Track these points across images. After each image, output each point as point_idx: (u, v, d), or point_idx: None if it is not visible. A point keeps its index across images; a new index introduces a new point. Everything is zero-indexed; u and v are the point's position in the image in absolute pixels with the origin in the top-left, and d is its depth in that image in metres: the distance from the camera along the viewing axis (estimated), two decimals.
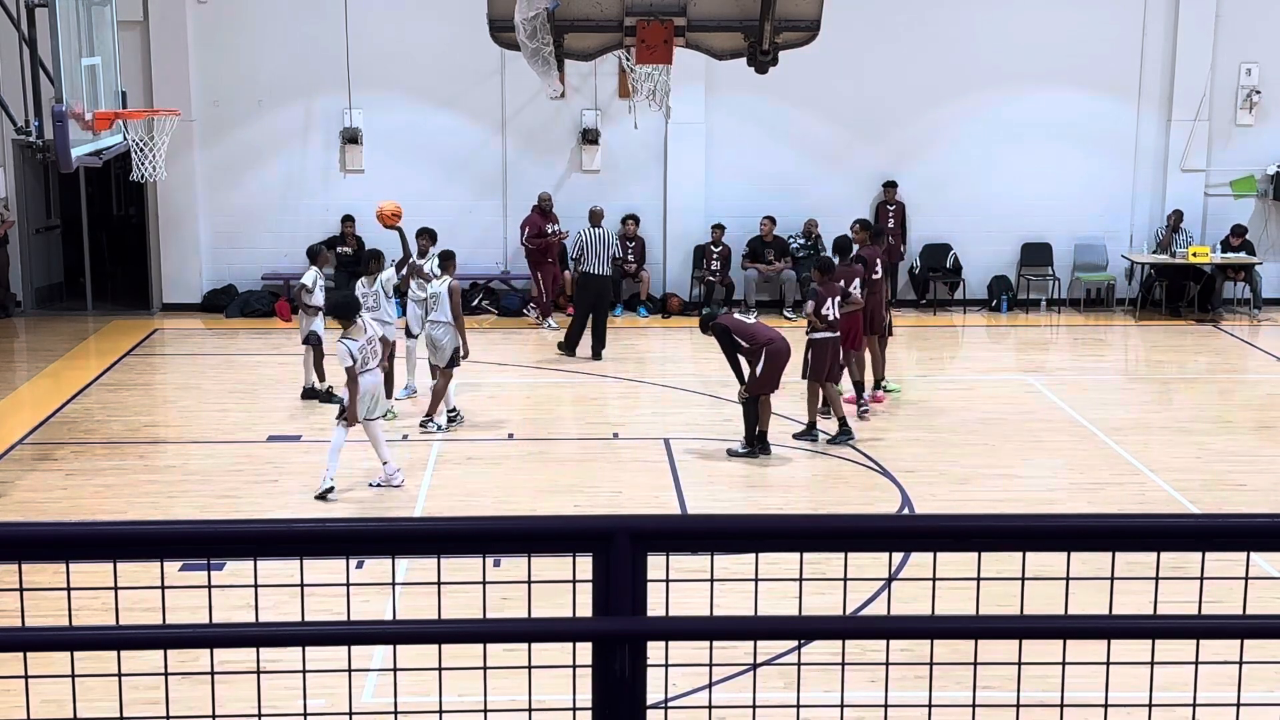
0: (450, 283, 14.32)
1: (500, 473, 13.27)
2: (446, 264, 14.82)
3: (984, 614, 2.74)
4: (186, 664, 3.03)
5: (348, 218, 20.62)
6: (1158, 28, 21.00)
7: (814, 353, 13.93)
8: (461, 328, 14.24)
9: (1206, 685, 3.12)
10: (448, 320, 14.17)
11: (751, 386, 13.42)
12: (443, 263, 14.90)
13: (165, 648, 2.67)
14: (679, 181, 20.94)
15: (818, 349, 13.92)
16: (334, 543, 2.59)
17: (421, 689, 3.10)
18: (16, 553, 2.51)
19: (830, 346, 13.93)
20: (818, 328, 13.95)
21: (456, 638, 2.69)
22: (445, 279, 14.41)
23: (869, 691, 3.61)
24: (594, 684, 2.57)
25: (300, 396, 15.64)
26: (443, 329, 14.20)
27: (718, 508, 12.17)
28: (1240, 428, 15.09)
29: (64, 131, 12.07)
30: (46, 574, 2.73)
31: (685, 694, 5.59)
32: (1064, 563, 2.79)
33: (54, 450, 13.85)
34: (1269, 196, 21.41)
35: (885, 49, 20.77)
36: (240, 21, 20.52)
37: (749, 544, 2.70)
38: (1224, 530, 2.74)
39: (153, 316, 20.68)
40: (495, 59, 19.07)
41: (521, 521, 2.64)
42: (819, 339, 13.93)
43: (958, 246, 21.18)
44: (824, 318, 13.92)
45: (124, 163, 16.31)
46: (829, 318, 13.93)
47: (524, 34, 10.62)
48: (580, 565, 2.60)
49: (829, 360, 13.92)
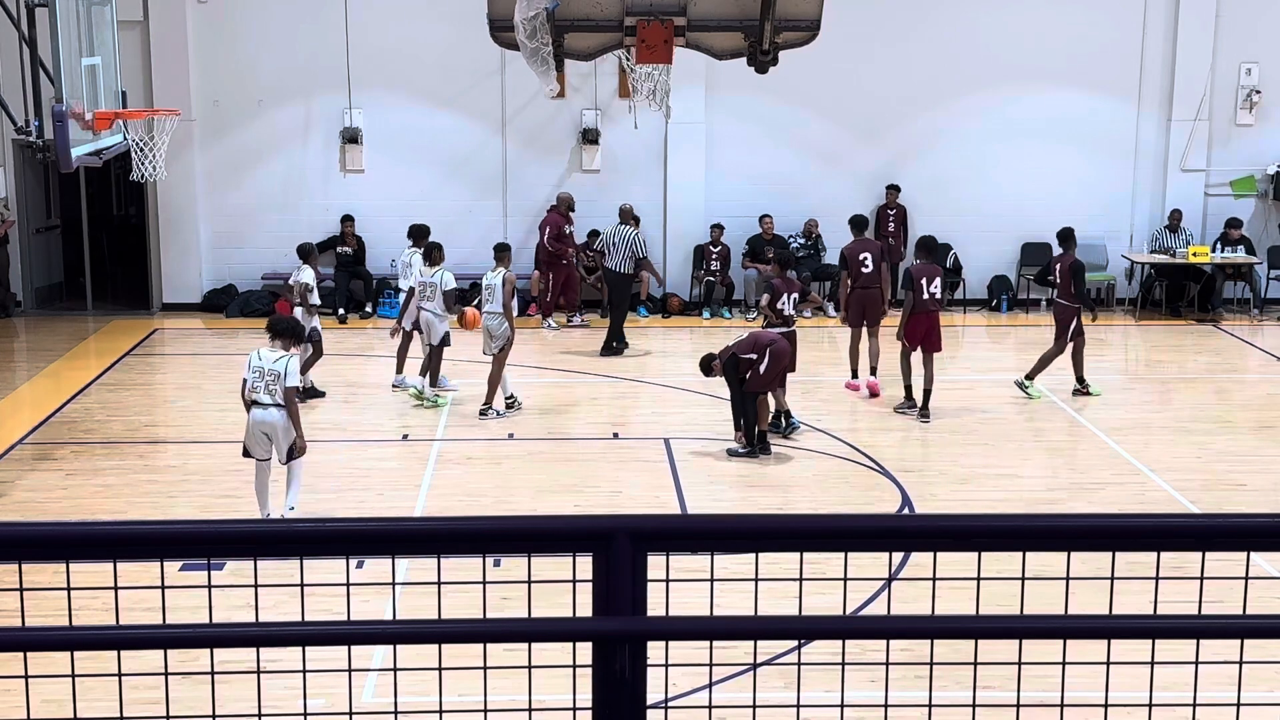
0: (505, 274, 14.77)
1: (500, 473, 13.27)
2: (435, 254, 15.41)
3: (984, 614, 2.74)
4: (186, 664, 3.02)
5: (347, 218, 20.63)
6: (1158, 28, 21.01)
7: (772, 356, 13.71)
8: (511, 317, 14.66)
9: (1206, 685, 3.12)
10: (500, 310, 14.63)
11: (753, 384, 13.43)
12: (431, 253, 15.45)
13: (165, 648, 2.67)
14: (679, 181, 20.95)
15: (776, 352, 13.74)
16: (334, 543, 2.59)
17: (421, 689, 3.10)
18: (16, 553, 2.51)
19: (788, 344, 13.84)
20: (774, 323, 13.99)
21: (456, 638, 2.69)
22: (500, 271, 14.91)
23: (869, 691, 3.61)
24: (594, 684, 2.57)
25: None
26: (498, 319, 14.66)
27: (718, 508, 12.18)
28: (1240, 428, 15.09)
29: (64, 131, 12.07)
30: (46, 574, 2.73)
31: (685, 694, 5.59)
32: (1064, 563, 2.79)
33: (54, 450, 13.85)
34: (1269, 196, 21.41)
35: (885, 49, 20.78)
36: (240, 21, 20.52)
37: (749, 544, 2.70)
38: (1224, 530, 2.74)
39: (153, 316, 20.68)
40: (495, 59, 19.07)
41: (521, 521, 2.64)
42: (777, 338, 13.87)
43: (958, 246, 21.18)
44: (779, 313, 13.97)
45: (124, 163, 16.32)
46: (784, 313, 13.98)
47: (524, 34, 10.62)
48: (580, 565, 2.60)
49: (786, 363, 13.76)
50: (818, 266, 20.88)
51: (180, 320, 20.43)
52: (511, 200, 21.02)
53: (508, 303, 14.71)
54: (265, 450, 11.22)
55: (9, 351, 19.08)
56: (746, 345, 13.57)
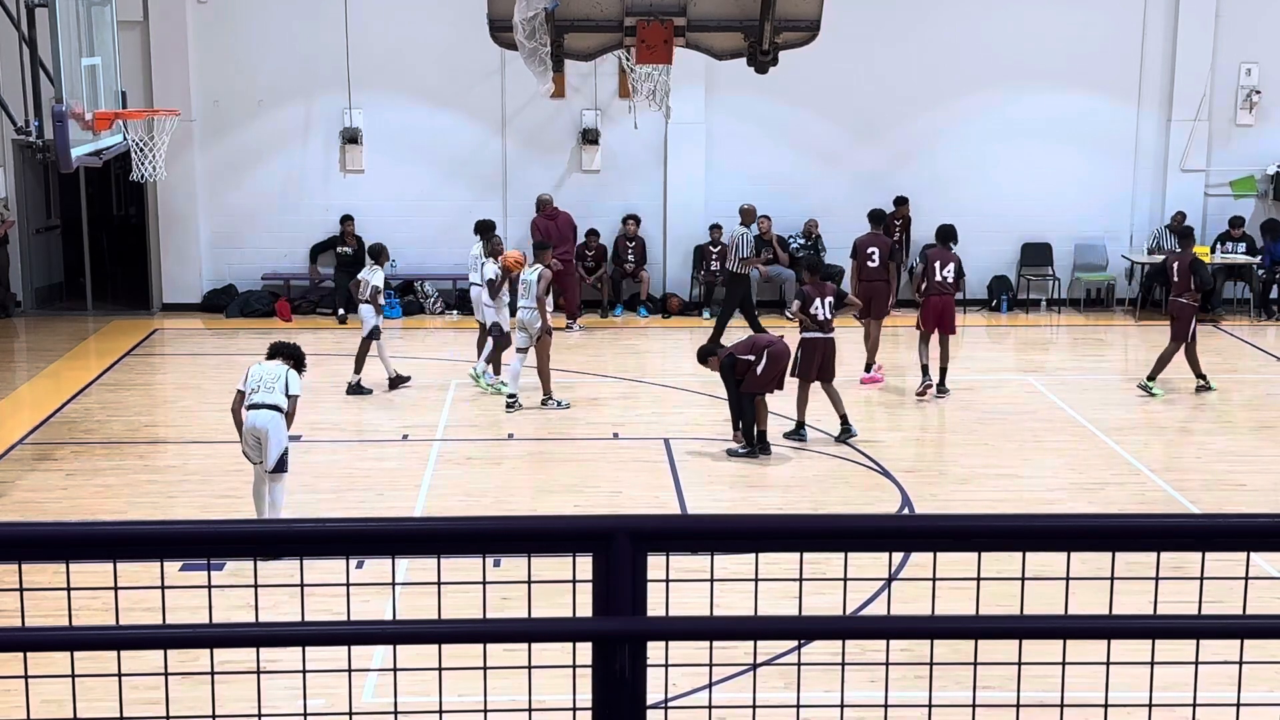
0: (542, 270, 15.19)
1: (500, 473, 13.27)
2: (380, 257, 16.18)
3: (984, 614, 2.74)
4: (186, 664, 3.03)
5: (347, 218, 20.63)
6: (1158, 28, 21.00)
7: (803, 351, 13.95)
8: (545, 312, 15.03)
9: (1206, 685, 3.12)
10: (534, 304, 15.00)
11: (750, 384, 13.43)
12: (375, 256, 16.20)
13: (165, 648, 2.67)
14: (679, 181, 20.94)
15: (807, 348, 13.94)
16: (334, 543, 2.59)
17: (421, 689, 3.10)
18: (16, 553, 2.51)
19: (820, 346, 13.94)
20: (809, 327, 14.00)
21: (456, 638, 2.69)
22: (537, 267, 15.27)
23: (869, 691, 3.61)
24: (594, 684, 2.57)
25: (389, 389, 16.07)
26: (531, 312, 15.06)
27: (718, 508, 12.17)
28: (1240, 428, 15.09)
29: (64, 131, 12.07)
30: (46, 574, 2.73)
31: (685, 694, 5.60)
32: (1064, 563, 2.79)
33: (54, 450, 13.85)
34: (1269, 196, 21.41)
35: (885, 49, 20.78)
36: (240, 21, 20.52)
37: (749, 544, 2.70)
38: (1224, 530, 2.74)
39: (153, 316, 20.68)
40: (495, 59, 19.06)
41: (521, 521, 2.64)
42: (809, 338, 13.97)
43: (958, 247, 21.12)
44: (814, 317, 13.96)
45: (124, 163, 16.32)
46: (819, 317, 13.97)
47: (523, 34, 10.62)
48: (580, 565, 2.60)
49: (817, 360, 13.91)
50: None
51: (180, 320, 20.43)
52: (511, 200, 21.01)
53: (541, 297, 15.05)
54: (257, 455, 11.03)
55: (9, 351, 19.08)
56: (744, 347, 13.60)
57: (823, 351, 13.95)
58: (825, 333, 13.97)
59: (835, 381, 14.15)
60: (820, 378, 14.02)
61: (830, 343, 14.01)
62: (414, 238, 20.86)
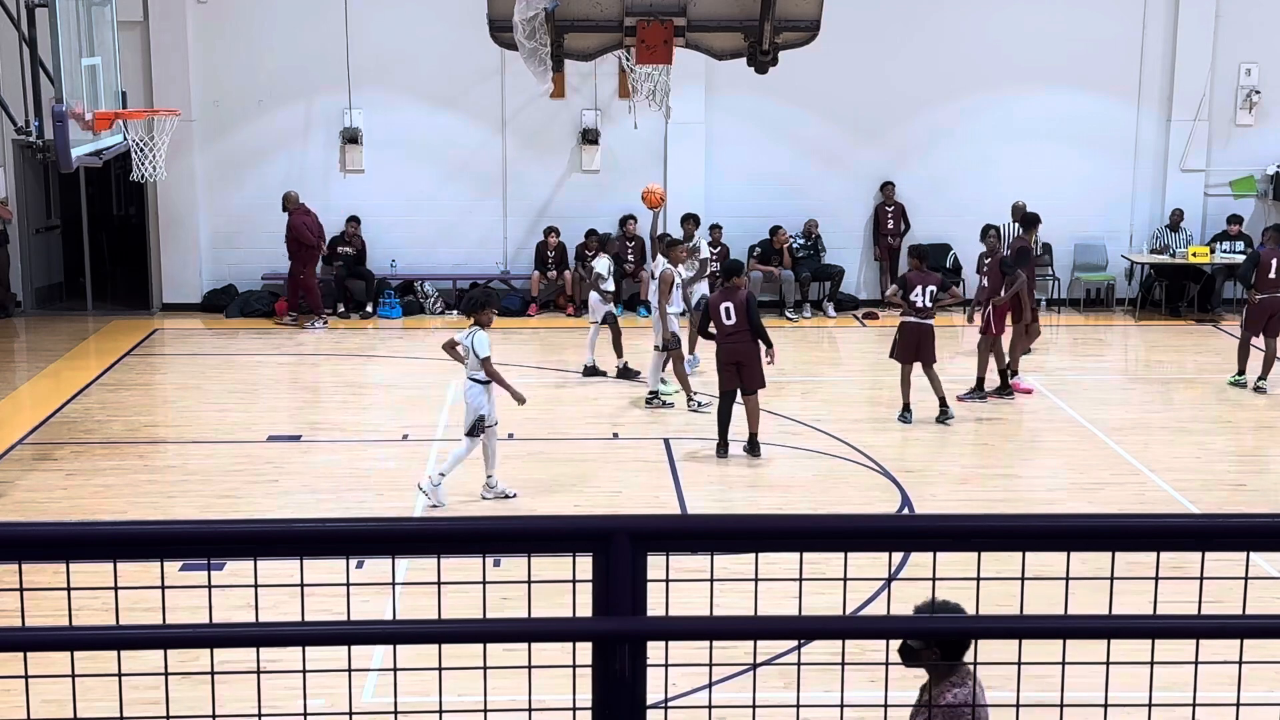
0: (662, 270, 15.32)
1: (500, 473, 13.26)
2: (606, 245, 17.27)
3: (984, 614, 2.74)
4: (186, 664, 3.03)
5: (353, 218, 20.65)
6: (1158, 28, 21.00)
7: (901, 335, 14.64)
8: (664, 314, 15.18)
9: (1206, 685, 3.12)
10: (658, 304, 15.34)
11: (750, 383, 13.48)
12: (603, 245, 17.25)
13: (165, 648, 2.67)
14: (679, 181, 20.92)
15: (904, 332, 14.60)
16: (334, 543, 2.59)
17: (421, 689, 3.10)
18: (16, 553, 2.51)
19: (915, 331, 14.46)
20: (906, 312, 14.55)
21: (456, 638, 2.69)
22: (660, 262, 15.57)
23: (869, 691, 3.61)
24: (594, 684, 2.57)
25: (583, 374, 16.69)
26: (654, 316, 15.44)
27: (718, 508, 12.17)
28: (1240, 428, 15.09)
29: (64, 131, 12.07)
30: (46, 574, 2.73)
31: (685, 694, 5.59)
32: (1064, 563, 2.79)
33: (54, 450, 13.85)
34: (1269, 196, 21.41)
35: (886, 49, 20.77)
36: (240, 21, 20.52)
37: (749, 544, 2.70)
38: (1224, 530, 2.74)
39: (153, 316, 20.68)
40: (495, 59, 19.06)
41: (521, 521, 2.64)
42: (907, 323, 14.59)
43: (958, 246, 21.17)
44: (912, 304, 14.45)
45: (124, 163, 16.32)
46: (917, 304, 14.42)
47: (523, 34, 10.62)
48: (580, 565, 2.60)
49: (913, 344, 14.46)
50: (817, 267, 20.88)
51: (180, 320, 20.42)
52: (511, 200, 21.02)
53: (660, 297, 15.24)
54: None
55: (9, 351, 19.07)
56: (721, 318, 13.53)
57: (918, 336, 14.46)
58: (922, 319, 14.48)
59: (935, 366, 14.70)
60: (920, 359, 14.53)
61: (927, 329, 14.49)
62: (414, 238, 20.86)
